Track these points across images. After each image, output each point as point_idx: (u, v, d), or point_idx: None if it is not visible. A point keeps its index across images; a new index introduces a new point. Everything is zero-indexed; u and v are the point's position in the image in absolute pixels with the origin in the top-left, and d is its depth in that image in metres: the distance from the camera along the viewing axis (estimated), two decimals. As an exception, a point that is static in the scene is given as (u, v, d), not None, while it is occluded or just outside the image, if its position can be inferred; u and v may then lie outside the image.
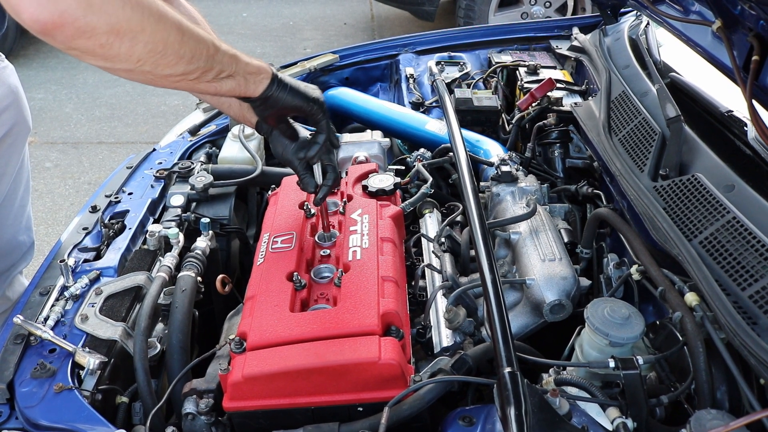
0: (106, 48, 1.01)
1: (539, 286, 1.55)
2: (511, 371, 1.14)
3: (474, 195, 1.65)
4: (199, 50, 1.16)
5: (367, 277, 1.48)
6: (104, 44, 1.00)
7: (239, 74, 1.28)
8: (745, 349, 1.18)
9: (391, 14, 7.38)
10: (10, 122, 2.09)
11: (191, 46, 1.14)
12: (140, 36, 1.04)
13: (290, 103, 1.39)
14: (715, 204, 1.46)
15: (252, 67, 1.31)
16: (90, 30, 0.97)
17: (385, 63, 2.96)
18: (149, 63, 1.08)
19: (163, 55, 1.09)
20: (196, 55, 1.16)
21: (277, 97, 1.37)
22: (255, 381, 1.29)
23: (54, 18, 0.94)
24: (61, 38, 0.97)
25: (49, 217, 4.20)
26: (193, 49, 1.14)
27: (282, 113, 1.43)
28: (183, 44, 1.12)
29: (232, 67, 1.26)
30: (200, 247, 1.75)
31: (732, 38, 1.61)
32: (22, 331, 1.48)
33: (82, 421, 1.30)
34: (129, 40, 1.02)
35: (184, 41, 1.12)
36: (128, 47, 1.03)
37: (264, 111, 1.41)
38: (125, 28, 1.01)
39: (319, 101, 1.44)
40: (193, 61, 1.16)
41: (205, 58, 1.18)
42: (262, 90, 1.34)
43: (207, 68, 1.20)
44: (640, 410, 1.25)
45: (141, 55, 1.06)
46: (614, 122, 1.96)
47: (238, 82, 1.28)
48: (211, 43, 1.19)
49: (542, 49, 2.86)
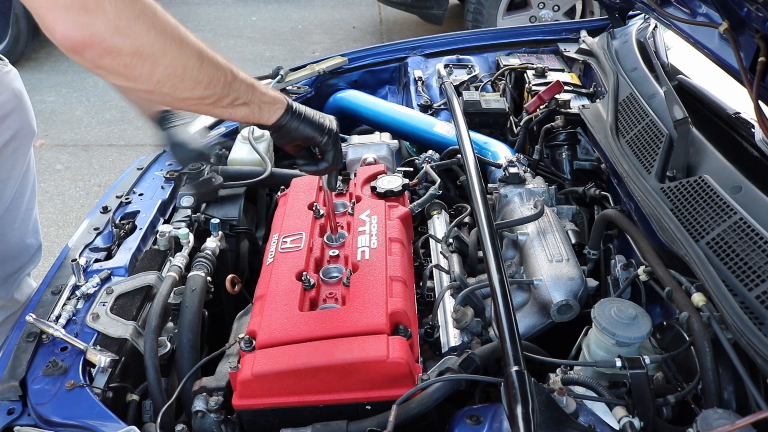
0: (129, 68, 1.07)
1: (546, 286, 1.56)
2: (518, 370, 1.15)
3: (482, 196, 1.66)
4: (217, 77, 1.21)
5: (375, 277, 1.49)
6: (128, 65, 1.06)
7: (254, 103, 1.32)
8: (752, 349, 1.19)
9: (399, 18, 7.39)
10: (15, 126, 2.10)
11: (209, 72, 1.19)
12: (161, 59, 1.09)
13: (302, 134, 1.42)
14: (722, 205, 1.46)
15: (267, 97, 1.35)
16: (116, 51, 1.03)
17: (394, 66, 2.97)
18: (168, 85, 1.13)
19: (182, 79, 1.15)
20: (214, 81, 1.20)
21: (290, 127, 1.40)
22: (264, 379, 1.30)
23: (84, 38, 1.00)
24: (89, 56, 1.03)
25: (60, 218, 4.22)
26: (211, 75, 1.19)
27: (295, 142, 1.46)
28: (201, 70, 1.17)
29: (248, 96, 1.30)
30: (210, 247, 1.77)
31: (739, 40, 1.61)
32: (34, 329, 1.50)
33: (93, 418, 1.32)
34: (151, 62, 1.08)
35: (202, 67, 1.17)
36: (150, 69, 1.09)
37: (279, 139, 1.44)
38: (148, 51, 1.07)
39: (331, 133, 1.47)
40: (210, 86, 1.20)
41: (222, 84, 1.22)
42: (276, 119, 1.38)
43: (223, 94, 1.24)
44: (647, 409, 1.26)
45: (161, 78, 1.11)
46: (622, 124, 1.96)
47: (252, 110, 1.32)
48: (229, 71, 1.24)
49: (550, 52, 2.87)
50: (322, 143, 1.46)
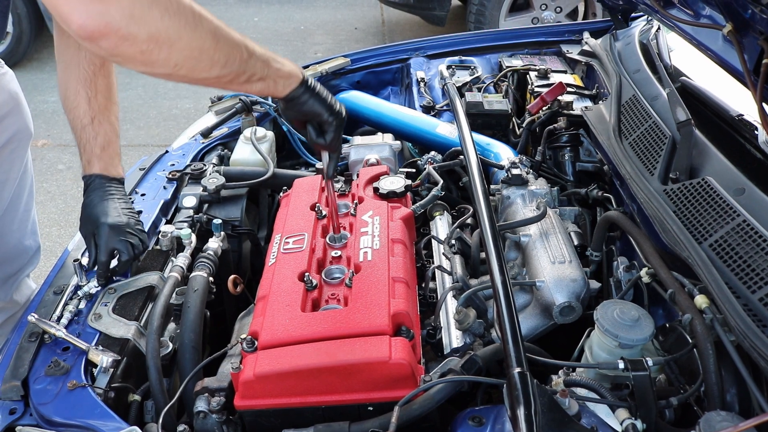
0: (146, 54, 1.08)
1: (549, 288, 1.56)
2: (520, 371, 1.15)
3: (484, 197, 1.65)
4: (233, 56, 1.22)
5: (377, 278, 1.49)
6: (144, 51, 1.08)
7: (270, 77, 1.34)
8: (755, 351, 1.18)
9: (401, 19, 7.39)
10: (12, 128, 2.10)
11: (225, 52, 1.20)
12: (177, 43, 1.11)
13: (311, 109, 1.45)
14: (725, 207, 1.46)
15: (283, 72, 1.37)
16: (132, 38, 1.05)
17: (396, 67, 2.97)
18: (186, 68, 1.15)
19: (199, 60, 1.16)
20: (230, 60, 1.22)
21: (301, 100, 1.42)
22: (266, 380, 1.30)
23: (100, 27, 1.02)
24: (106, 45, 1.05)
25: (62, 218, 4.23)
26: (227, 54, 1.20)
27: (303, 117, 1.48)
28: (217, 50, 1.18)
29: (264, 71, 1.31)
30: (212, 247, 1.77)
31: (743, 42, 1.61)
32: (36, 329, 1.50)
33: (95, 418, 1.32)
34: (167, 47, 1.09)
35: (218, 47, 1.18)
36: (166, 54, 1.10)
37: (286, 110, 1.47)
38: (164, 36, 1.08)
39: (339, 116, 1.50)
40: (228, 66, 1.22)
41: (239, 62, 1.24)
42: (289, 92, 1.40)
43: (240, 72, 1.25)
44: (650, 411, 1.25)
45: (178, 61, 1.13)
46: (624, 126, 1.96)
47: (267, 84, 1.34)
48: (245, 48, 1.25)
49: (553, 53, 2.87)
50: (327, 122, 1.48)
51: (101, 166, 1.75)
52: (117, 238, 1.63)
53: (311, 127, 1.50)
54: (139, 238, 1.68)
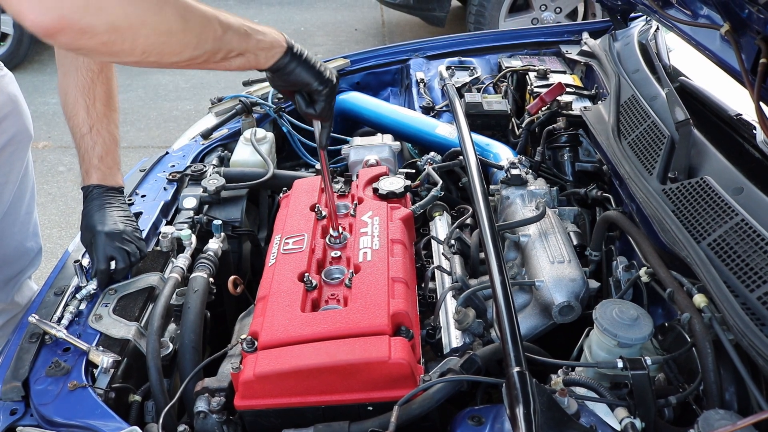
0: (109, 45, 1.02)
1: (548, 288, 1.56)
2: (520, 371, 1.15)
3: (484, 198, 1.66)
4: (205, 35, 1.14)
5: (377, 278, 1.49)
6: (107, 42, 1.01)
7: (250, 51, 1.26)
8: (754, 350, 1.19)
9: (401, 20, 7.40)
10: (11, 130, 2.10)
11: (196, 32, 1.12)
12: (141, 30, 1.03)
13: (298, 78, 1.37)
14: (723, 206, 1.46)
15: (264, 43, 1.29)
16: (90, 30, 0.98)
17: (396, 68, 2.98)
18: (154, 54, 1.08)
19: (167, 44, 1.09)
20: (202, 40, 1.14)
21: (287, 70, 1.35)
22: (266, 380, 1.30)
23: (54, 22, 0.95)
24: (65, 40, 0.99)
25: (62, 220, 4.23)
26: (198, 34, 1.13)
27: (291, 87, 1.42)
28: (187, 32, 1.10)
29: (243, 45, 1.23)
30: (212, 248, 1.77)
31: (740, 41, 1.61)
32: (37, 330, 1.50)
33: (95, 419, 1.32)
34: (131, 35, 1.03)
35: (188, 28, 1.10)
36: (131, 43, 1.03)
37: (273, 80, 1.40)
38: (125, 25, 1.01)
39: (329, 83, 1.41)
40: (200, 46, 1.14)
41: (212, 41, 1.16)
42: (273, 63, 1.33)
43: (215, 50, 1.18)
44: (648, 410, 1.26)
45: (145, 48, 1.06)
46: (623, 126, 1.96)
47: (248, 58, 1.27)
48: (218, 24, 1.16)
49: (552, 53, 2.87)
50: (316, 91, 1.40)
51: (99, 176, 1.75)
52: (113, 245, 1.63)
53: (300, 97, 1.43)
54: (135, 245, 1.67)
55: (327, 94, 1.42)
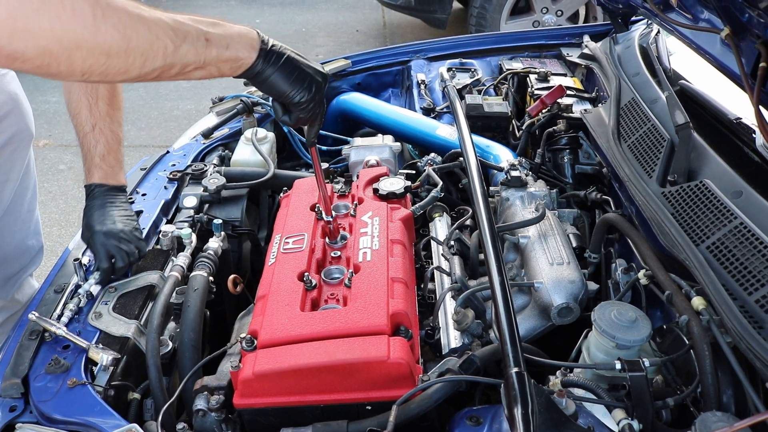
0: (44, 68, 0.96)
1: (547, 289, 1.57)
2: (518, 372, 1.16)
3: (484, 199, 1.66)
4: (153, 52, 1.06)
5: (376, 278, 1.49)
6: (41, 65, 0.95)
7: (210, 64, 1.17)
8: (751, 352, 1.19)
9: (403, 22, 7.40)
10: (12, 129, 2.10)
11: (141, 51, 1.04)
12: (76, 53, 0.96)
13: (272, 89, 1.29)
14: (722, 210, 1.47)
15: (227, 55, 1.19)
16: (20, 56, 0.92)
17: (397, 69, 2.98)
18: (96, 75, 1.02)
19: (108, 65, 1.02)
20: (150, 58, 1.06)
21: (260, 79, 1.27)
22: (265, 378, 1.30)
23: None
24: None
25: (63, 218, 4.24)
26: (144, 53, 1.05)
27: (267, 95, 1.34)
28: (129, 52, 1.03)
29: (201, 59, 1.15)
30: (212, 247, 1.77)
31: (740, 45, 1.62)
32: (36, 327, 1.51)
33: (95, 416, 1.32)
34: (66, 58, 0.96)
35: (131, 48, 1.02)
36: (67, 65, 0.97)
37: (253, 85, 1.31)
38: (57, 48, 0.94)
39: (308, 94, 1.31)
40: (147, 65, 1.07)
41: (162, 57, 1.08)
42: (241, 73, 1.25)
43: (167, 66, 1.10)
44: (646, 412, 1.26)
45: (84, 70, 1.00)
46: (623, 129, 1.97)
47: (209, 71, 1.19)
48: (170, 40, 1.08)
49: (553, 56, 2.88)
50: (293, 104, 1.32)
51: (101, 175, 1.75)
52: (111, 244, 1.64)
53: (276, 104, 1.37)
54: (134, 245, 1.67)
55: (306, 106, 1.34)
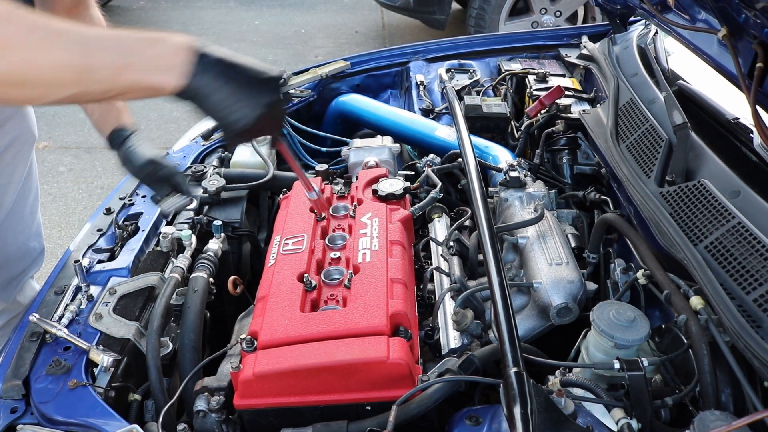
0: None
1: (546, 289, 1.57)
2: (517, 371, 1.16)
3: (482, 200, 1.67)
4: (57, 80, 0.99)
5: (376, 279, 1.50)
6: None
7: (129, 92, 1.09)
8: (749, 351, 1.20)
9: (402, 23, 7.41)
10: (15, 131, 2.10)
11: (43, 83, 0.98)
12: None
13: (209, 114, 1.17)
14: (720, 209, 1.47)
15: (148, 81, 1.08)
16: None
17: (396, 70, 2.99)
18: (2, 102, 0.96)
19: (10, 96, 0.98)
20: (54, 87, 0.99)
21: (193, 104, 1.15)
22: (265, 379, 1.31)
23: None
24: None
25: (62, 220, 4.24)
26: (47, 84, 0.98)
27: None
28: (27, 86, 0.96)
29: (116, 87, 1.07)
30: (212, 249, 1.78)
31: (737, 46, 1.62)
32: (37, 329, 1.51)
33: (96, 417, 1.33)
34: None
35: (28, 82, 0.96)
36: None
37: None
38: None
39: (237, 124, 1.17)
40: (53, 93, 1.00)
41: (71, 86, 1.01)
42: (165, 96, 1.13)
43: (80, 95, 1.04)
44: (645, 411, 1.26)
45: None
46: (622, 129, 1.97)
47: (131, 95, 1.11)
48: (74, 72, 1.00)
49: (551, 57, 2.88)
50: (223, 126, 1.19)
51: (128, 117, 1.71)
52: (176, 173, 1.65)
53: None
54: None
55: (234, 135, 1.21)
